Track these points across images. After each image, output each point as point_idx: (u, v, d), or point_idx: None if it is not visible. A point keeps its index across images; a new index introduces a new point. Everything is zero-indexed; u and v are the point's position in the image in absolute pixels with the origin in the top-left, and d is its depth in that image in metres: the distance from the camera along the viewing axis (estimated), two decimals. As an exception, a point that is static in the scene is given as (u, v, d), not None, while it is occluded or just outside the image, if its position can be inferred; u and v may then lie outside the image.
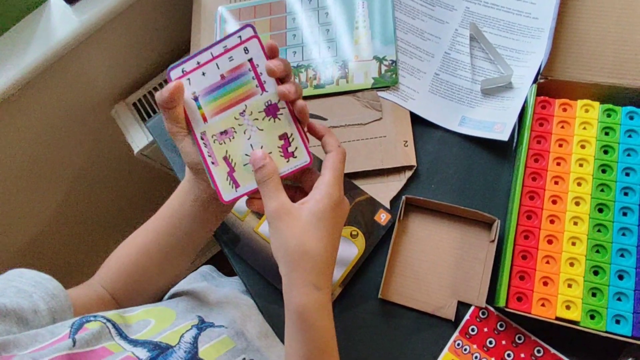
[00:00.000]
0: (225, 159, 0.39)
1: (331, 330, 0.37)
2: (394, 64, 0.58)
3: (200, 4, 0.67)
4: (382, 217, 0.54)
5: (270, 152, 0.38)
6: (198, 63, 0.38)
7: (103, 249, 0.48)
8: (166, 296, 0.51)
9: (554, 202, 0.49)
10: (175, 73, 0.38)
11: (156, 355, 0.35)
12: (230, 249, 0.55)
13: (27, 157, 0.79)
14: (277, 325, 0.52)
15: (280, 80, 0.38)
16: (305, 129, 0.40)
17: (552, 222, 0.48)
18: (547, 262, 0.47)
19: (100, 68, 0.76)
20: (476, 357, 0.48)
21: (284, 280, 0.35)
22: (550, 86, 0.52)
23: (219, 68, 0.38)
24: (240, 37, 0.37)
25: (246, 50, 0.37)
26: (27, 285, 0.35)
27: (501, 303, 0.46)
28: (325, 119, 0.58)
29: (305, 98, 0.59)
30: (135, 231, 0.45)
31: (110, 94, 0.82)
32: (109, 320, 0.35)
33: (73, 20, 0.66)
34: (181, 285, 0.54)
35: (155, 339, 0.37)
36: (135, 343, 0.35)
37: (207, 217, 0.44)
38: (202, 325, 0.41)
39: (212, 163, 0.38)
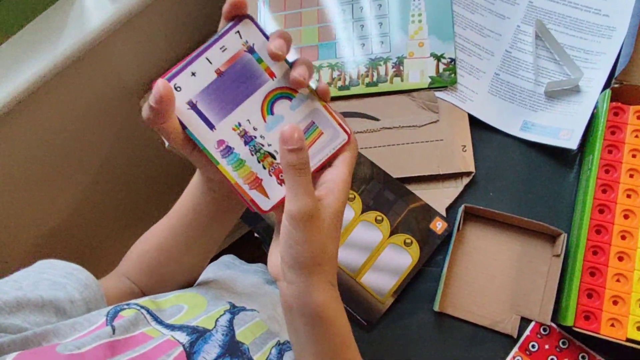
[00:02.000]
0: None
1: (348, 324, 0.35)
2: (452, 62, 0.55)
3: (241, -9, 0.63)
4: (439, 226, 0.51)
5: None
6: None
7: (131, 238, 0.46)
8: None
9: (626, 217, 0.46)
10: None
11: (196, 338, 0.34)
12: (264, 238, 0.53)
13: (57, 145, 0.76)
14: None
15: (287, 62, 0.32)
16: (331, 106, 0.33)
17: (623, 238, 0.46)
18: (618, 280, 0.45)
19: (131, 57, 0.73)
20: (536, 375, 0.47)
21: (299, 285, 0.31)
22: (624, 92, 0.49)
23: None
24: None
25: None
26: (60, 277, 0.35)
27: (569, 322, 0.44)
28: (377, 119, 0.55)
29: (356, 96, 0.56)
30: (152, 227, 0.44)
31: (140, 84, 0.79)
32: (142, 307, 0.34)
33: (108, 7, 0.62)
34: (206, 274, 0.52)
35: (190, 324, 0.36)
36: (172, 327, 0.35)
37: (223, 214, 0.41)
38: (234, 310, 0.40)
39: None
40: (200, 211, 0.39)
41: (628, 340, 0.43)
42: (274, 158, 0.32)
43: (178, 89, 0.30)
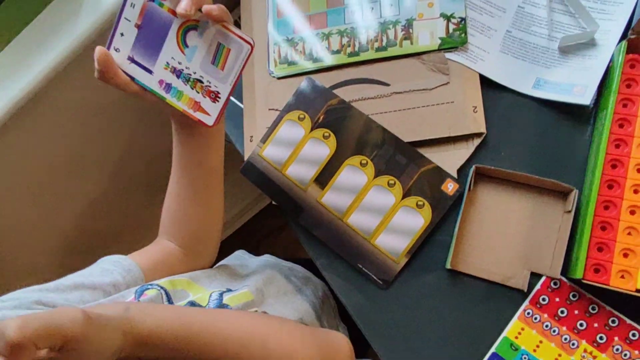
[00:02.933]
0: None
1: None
2: (462, 22, 0.54)
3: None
4: (450, 187, 0.52)
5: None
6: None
7: (146, 237, 0.53)
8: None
9: (640, 170, 0.46)
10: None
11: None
12: (294, 218, 0.56)
13: (73, 140, 0.80)
14: (342, 295, 0.53)
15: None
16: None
17: (636, 192, 0.46)
18: (629, 234, 0.45)
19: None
20: (547, 326, 0.49)
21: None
22: (642, 43, 0.48)
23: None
24: None
25: None
26: (109, 265, 0.45)
27: (578, 275, 0.45)
28: (387, 84, 0.55)
29: (366, 62, 0.56)
30: (168, 187, 0.51)
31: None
32: (162, 288, 0.43)
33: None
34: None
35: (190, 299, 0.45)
36: None
37: (203, 141, 0.47)
38: (227, 291, 0.48)
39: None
40: (183, 146, 0.47)
41: (638, 291, 0.44)
42: (202, 82, 0.39)
43: (117, 50, 0.38)
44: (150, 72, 0.38)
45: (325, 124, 0.55)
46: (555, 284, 0.49)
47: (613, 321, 0.47)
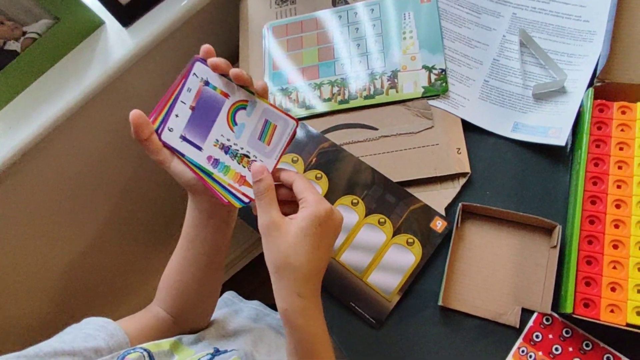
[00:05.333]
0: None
1: (318, 335, 0.40)
2: (443, 72, 0.59)
3: (247, 21, 0.70)
4: (438, 225, 0.54)
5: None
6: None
7: (156, 270, 0.52)
8: None
9: (618, 206, 0.48)
10: (163, 135, 0.42)
11: None
12: None
13: (82, 173, 0.82)
14: (335, 335, 0.53)
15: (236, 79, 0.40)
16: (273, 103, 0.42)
17: (616, 226, 0.48)
18: (614, 268, 0.46)
19: (152, 86, 0.79)
20: (542, 365, 0.48)
21: (273, 284, 0.39)
22: (607, 89, 0.52)
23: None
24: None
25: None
26: (93, 330, 0.43)
27: (568, 309, 0.45)
28: (376, 129, 0.59)
29: (355, 109, 0.60)
30: (171, 256, 0.51)
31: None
32: (145, 350, 0.42)
33: (128, 42, 0.69)
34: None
35: None
36: None
37: (217, 224, 0.47)
38: (216, 353, 0.46)
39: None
40: (196, 224, 0.46)
41: (628, 325, 0.44)
42: (248, 157, 0.41)
43: (171, 130, 0.41)
44: (199, 149, 0.41)
45: (317, 166, 0.58)
46: (547, 319, 0.49)
47: (608, 358, 0.47)
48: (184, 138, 0.41)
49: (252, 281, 1.38)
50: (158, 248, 1.11)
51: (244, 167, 0.41)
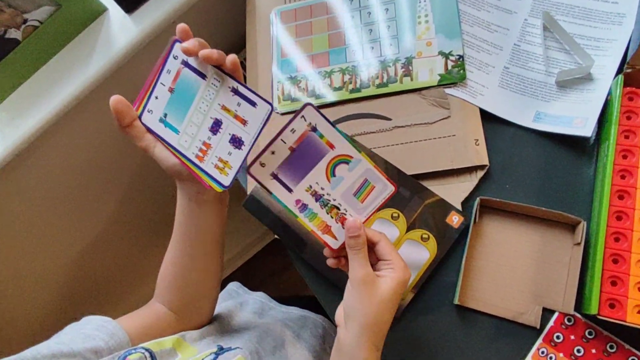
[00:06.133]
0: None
1: None
2: (460, 59, 0.56)
3: (254, 6, 0.67)
4: (455, 220, 0.52)
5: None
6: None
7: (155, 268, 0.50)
8: None
9: (648, 201, 0.45)
10: (143, 118, 0.42)
11: None
12: (297, 254, 0.55)
13: (86, 165, 0.81)
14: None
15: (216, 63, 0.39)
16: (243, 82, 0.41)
17: (646, 223, 0.45)
18: (643, 267, 0.44)
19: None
20: (563, 367, 0.46)
21: (351, 335, 0.39)
22: (638, 76, 0.48)
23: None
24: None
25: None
26: (92, 330, 0.42)
27: (593, 310, 0.43)
28: (389, 119, 0.56)
29: (367, 98, 0.58)
30: (167, 250, 0.50)
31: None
32: (147, 350, 0.41)
33: (132, 29, 0.67)
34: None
35: None
36: None
37: (209, 211, 0.47)
38: (219, 352, 0.46)
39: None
40: (187, 212, 0.46)
41: (657, 327, 0.42)
42: (339, 209, 0.41)
43: (263, 165, 0.40)
44: (290, 190, 0.41)
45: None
46: (569, 320, 0.47)
47: (633, 361, 0.45)
48: (274, 176, 0.41)
49: (258, 274, 1.37)
50: (160, 245, 1.11)
51: (332, 217, 0.41)
